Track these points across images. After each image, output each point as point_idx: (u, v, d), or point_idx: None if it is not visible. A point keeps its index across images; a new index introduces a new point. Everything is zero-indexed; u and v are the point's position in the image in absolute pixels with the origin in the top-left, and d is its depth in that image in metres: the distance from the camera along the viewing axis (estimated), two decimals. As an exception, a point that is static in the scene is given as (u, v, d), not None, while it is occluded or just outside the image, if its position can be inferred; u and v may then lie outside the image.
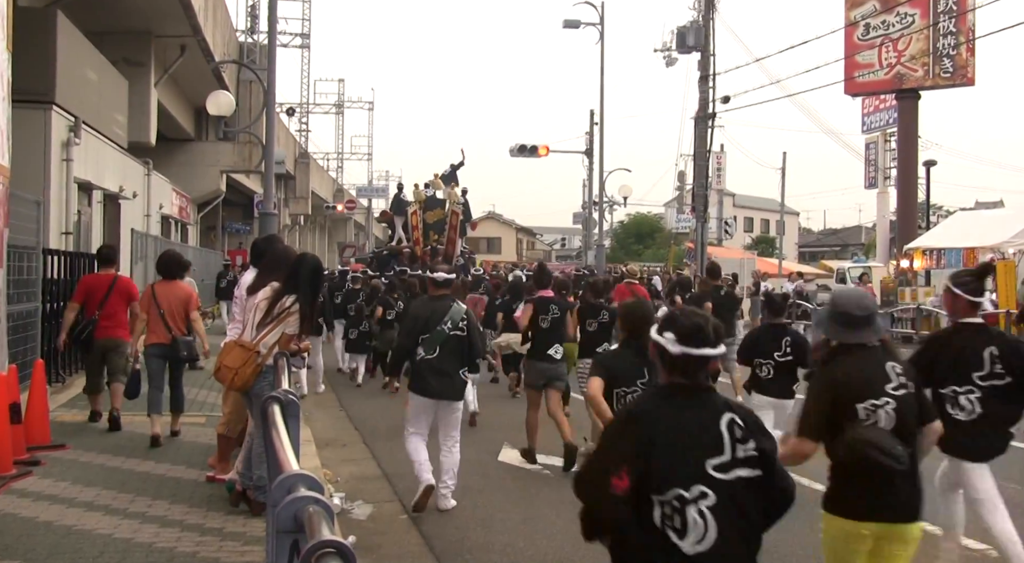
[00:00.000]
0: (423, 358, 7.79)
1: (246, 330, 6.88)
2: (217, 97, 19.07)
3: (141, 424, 10.41)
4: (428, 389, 7.79)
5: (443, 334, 7.79)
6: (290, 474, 2.82)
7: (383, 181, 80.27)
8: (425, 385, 7.79)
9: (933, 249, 27.64)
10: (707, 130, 32.57)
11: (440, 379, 7.77)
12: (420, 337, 7.82)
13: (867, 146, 44.52)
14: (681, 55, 34.37)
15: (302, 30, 50.83)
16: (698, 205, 33.38)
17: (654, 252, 64.32)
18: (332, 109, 67.59)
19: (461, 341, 7.86)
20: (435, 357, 7.76)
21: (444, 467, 7.85)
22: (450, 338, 7.80)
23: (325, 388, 15.20)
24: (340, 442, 10.95)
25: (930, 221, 40.03)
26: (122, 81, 22.07)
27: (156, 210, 25.71)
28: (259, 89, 24.08)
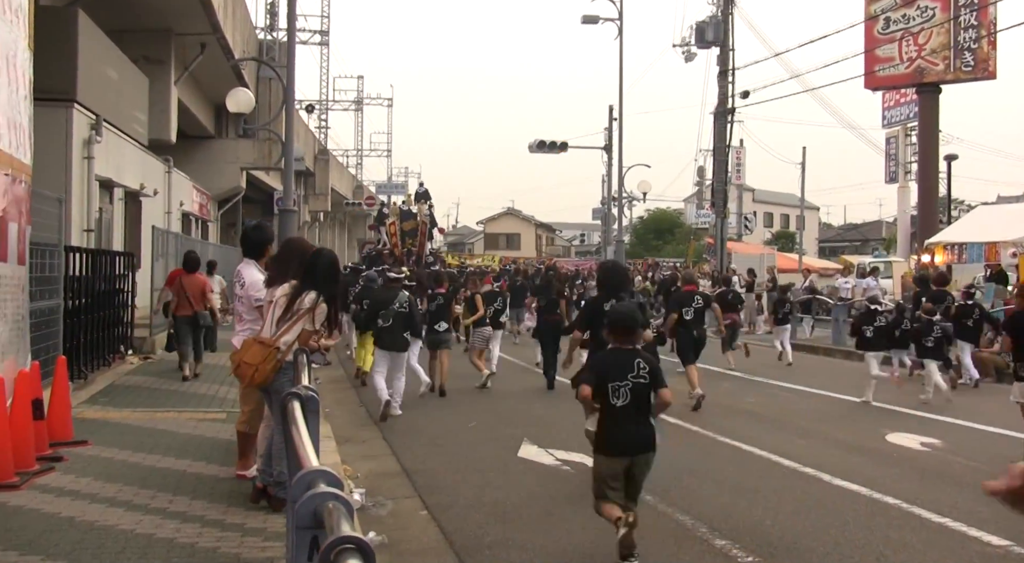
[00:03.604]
0: (382, 326, 12.50)
1: (265, 326, 6.88)
2: (237, 94, 19.10)
3: (162, 420, 10.48)
4: (385, 345, 12.50)
5: (393, 311, 12.46)
6: (310, 470, 2.81)
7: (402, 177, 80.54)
8: (383, 342, 12.52)
9: (954, 244, 27.43)
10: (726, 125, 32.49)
11: (392, 339, 12.48)
12: (380, 312, 12.49)
13: (887, 141, 44.27)
14: (700, 50, 34.30)
15: (321, 27, 50.93)
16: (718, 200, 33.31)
17: (674, 247, 64.20)
18: (351, 106, 67.71)
19: (405, 316, 12.55)
20: (389, 325, 12.46)
21: (396, 390, 12.54)
22: (398, 314, 12.48)
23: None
24: (359, 438, 10.95)
25: (951, 216, 39.73)
26: (142, 79, 22.16)
27: (176, 207, 25.84)
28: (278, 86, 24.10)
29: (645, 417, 6.22)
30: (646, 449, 6.18)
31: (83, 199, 17.20)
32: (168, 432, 9.75)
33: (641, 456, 6.16)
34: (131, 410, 11.09)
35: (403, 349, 12.57)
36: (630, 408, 6.14)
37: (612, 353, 6.37)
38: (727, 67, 32.06)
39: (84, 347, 13.03)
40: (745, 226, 53.33)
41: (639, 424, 6.18)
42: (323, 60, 72.34)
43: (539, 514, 7.51)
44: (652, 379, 6.19)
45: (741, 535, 6.83)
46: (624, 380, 6.15)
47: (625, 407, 6.13)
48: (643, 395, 6.17)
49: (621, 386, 6.14)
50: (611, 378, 6.17)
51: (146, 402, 11.81)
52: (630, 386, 6.14)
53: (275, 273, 7.20)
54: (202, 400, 12.17)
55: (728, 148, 33.62)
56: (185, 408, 11.44)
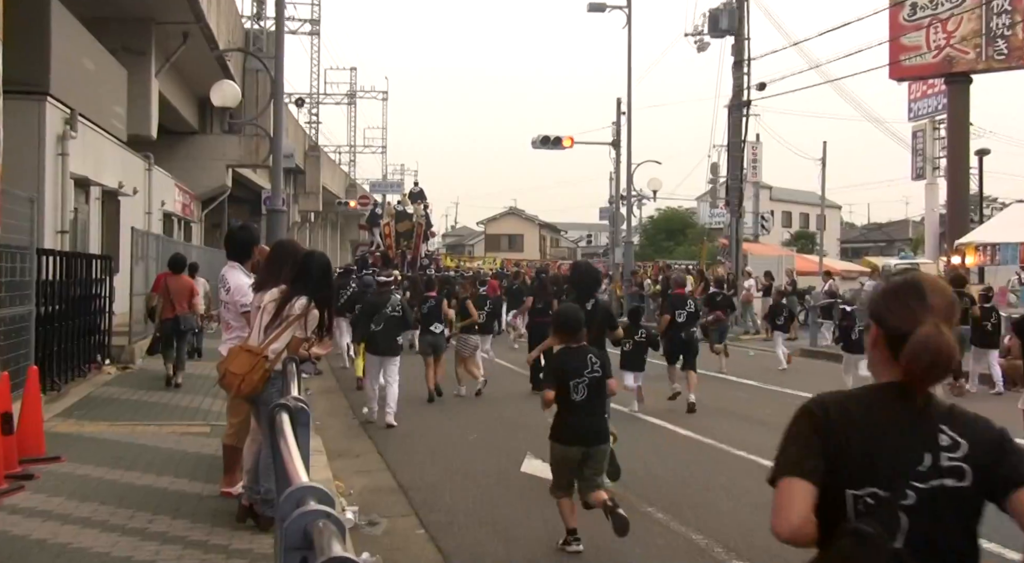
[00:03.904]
0: (373, 330, 12.86)
1: (253, 333, 6.87)
2: (222, 87, 19.09)
3: (142, 434, 10.45)
4: (377, 349, 12.88)
5: (385, 315, 12.86)
6: (299, 486, 2.79)
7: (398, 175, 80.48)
8: (375, 347, 12.91)
9: (986, 244, 27.36)
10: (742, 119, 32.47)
11: (384, 343, 12.81)
12: (371, 317, 12.93)
13: (914, 134, 44.23)
14: (714, 39, 34.28)
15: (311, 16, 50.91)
16: (732, 199, 33.27)
17: (685, 249, 64.14)
18: (344, 100, 67.74)
19: (397, 319, 13.00)
20: (380, 329, 12.82)
21: (388, 397, 12.61)
22: (390, 317, 12.87)
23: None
24: (353, 452, 10.93)
25: (983, 214, 39.73)
26: (121, 71, 22.16)
27: (158, 207, 25.82)
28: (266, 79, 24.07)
29: (600, 410, 7.13)
30: (600, 441, 7.05)
31: (57, 199, 17.17)
32: (148, 447, 9.72)
33: (596, 447, 7.00)
34: (108, 423, 11.06)
35: (396, 353, 12.97)
36: (587, 402, 6.96)
37: (566, 352, 7.18)
38: (742, 57, 32.04)
39: (58, 356, 13.00)
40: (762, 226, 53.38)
41: (594, 416, 7.05)
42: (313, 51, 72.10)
43: (544, 533, 7.48)
44: (604, 371, 7.06)
45: (759, 556, 6.79)
46: (582, 376, 6.98)
47: (583, 401, 6.95)
48: (598, 388, 7.02)
49: (580, 382, 6.96)
50: (570, 375, 6.99)
51: (125, 415, 11.78)
52: (587, 381, 6.97)
53: (264, 277, 7.18)
54: (185, 412, 12.14)
55: (743, 143, 33.59)
56: (167, 421, 11.41)
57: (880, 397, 2.57)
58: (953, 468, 2.48)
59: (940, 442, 2.50)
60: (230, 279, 7.73)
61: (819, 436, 2.52)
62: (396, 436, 11.94)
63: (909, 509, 2.44)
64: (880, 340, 2.65)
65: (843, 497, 2.48)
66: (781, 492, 2.49)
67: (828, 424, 2.53)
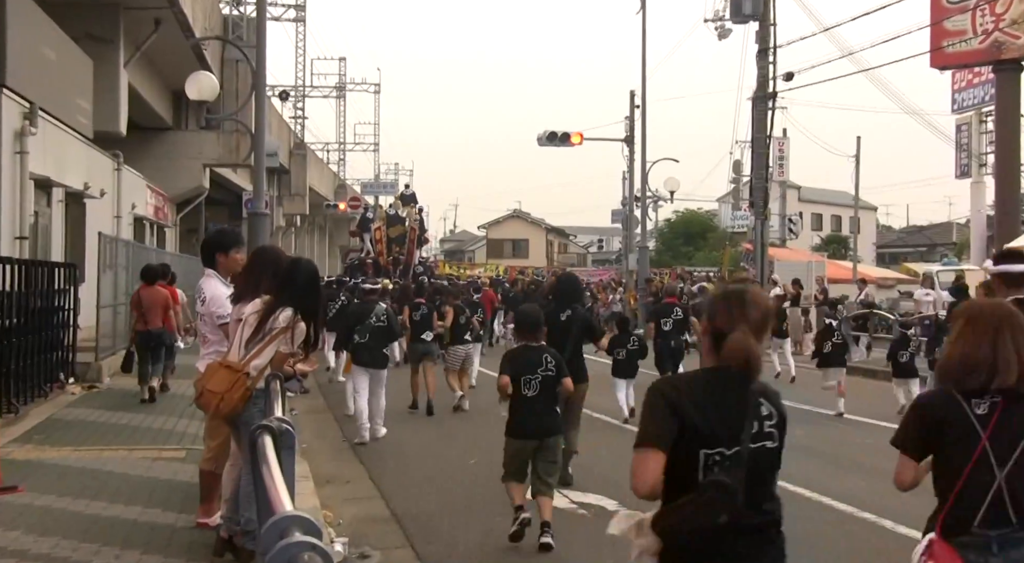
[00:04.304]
0: (359, 342, 13.40)
1: (233, 348, 6.83)
2: (198, 79, 19.13)
3: (109, 460, 10.41)
4: (363, 361, 13.39)
5: (370, 325, 13.36)
6: (283, 516, 2.76)
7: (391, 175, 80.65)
8: (361, 359, 13.42)
9: (1039, 248, 27.24)
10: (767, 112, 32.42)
11: (370, 355, 13.34)
12: (356, 327, 13.41)
13: (958, 128, 44.17)
14: (736, 25, 34.29)
15: (296, 1, 51.12)
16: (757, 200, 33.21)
17: (706, 255, 64.15)
18: (332, 93, 67.96)
19: (383, 330, 13.48)
20: (366, 341, 13.36)
21: (375, 410, 13.29)
22: (375, 328, 13.37)
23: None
24: (342, 478, 10.90)
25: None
26: (86, 61, 22.16)
27: (128, 210, 25.84)
28: (247, 70, 24.12)
29: (552, 406, 8.22)
30: (552, 433, 8.17)
31: (15, 201, 17.15)
32: (117, 474, 9.68)
33: (548, 439, 8.11)
34: (72, 448, 11.02)
35: (382, 366, 13.54)
36: (539, 398, 8.06)
37: (523, 350, 8.35)
38: (768, 45, 32.01)
39: (15, 375, 12.96)
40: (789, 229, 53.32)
41: (545, 413, 8.13)
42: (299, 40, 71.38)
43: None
44: (558, 371, 8.17)
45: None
46: (534, 374, 8.09)
47: (535, 397, 8.06)
48: (551, 386, 8.13)
49: (532, 379, 8.08)
50: (523, 372, 8.10)
51: (90, 438, 11.75)
52: (539, 379, 8.07)
53: (244, 287, 7.15)
54: (158, 435, 12.11)
55: (769, 139, 33.52)
56: (137, 445, 11.38)
57: (715, 378, 3.57)
58: (769, 433, 3.55)
59: (761, 413, 3.54)
60: (206, 289, 7.70)
61: (671, 411, 3.45)
62: (390, 460, 11.91)
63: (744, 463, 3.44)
64: (707, 332, 3.66)
65: (696, 456, 3.44)
66: (641, 458, 3.44)
67: (679, 401, 3.47)
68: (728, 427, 3.45)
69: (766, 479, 3.57)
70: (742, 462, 3.42)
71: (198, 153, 32.24)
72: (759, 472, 3.50)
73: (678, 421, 3.43)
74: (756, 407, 3.53)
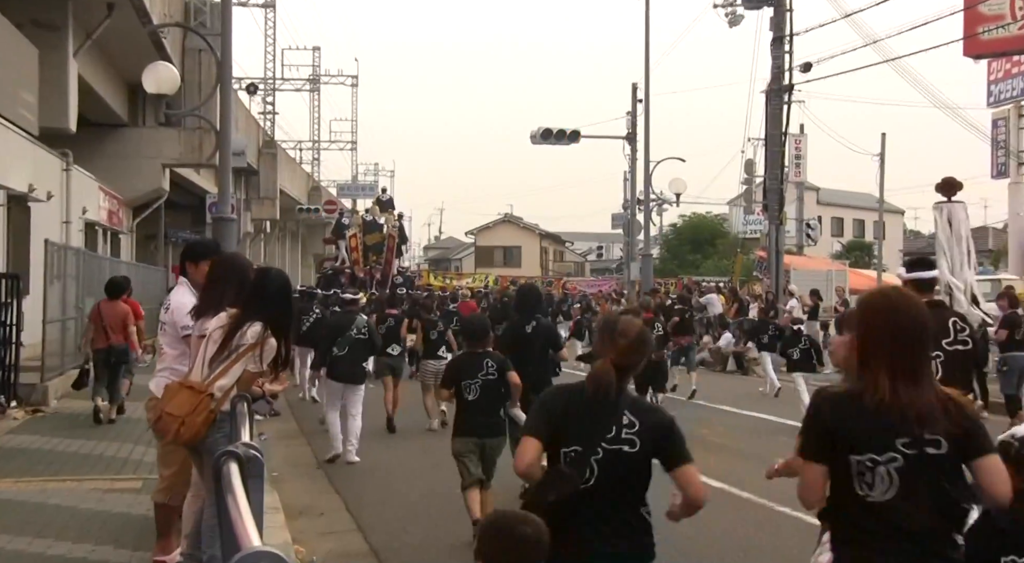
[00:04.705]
0: (336, 355, 13.77)
1: (195, 367, 6.79)
2: (156, 70, 19.08)
3: (56, 492, 10.36)
4: (340, 376, 13.76)
5: (350, 338, 13.83)
6: (251, 552, 2.75)
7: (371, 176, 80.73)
8: (338, 373, 13.78)
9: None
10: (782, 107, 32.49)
11: (348, 369, 13.75)
12: (335, 340, 13.85)
13: (994, 123, 44.21)
14: (748, 11, 34.41)
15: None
16: (771, 203, 33.29)
17: (715, 263, 64.23)
18: (305, 86, 67.90)
19: (363, 343, 14.02)
20: (344, 354, 13.76)
21: (350, 431, 13.54)
22: (355, 341, 13.85)
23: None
24: (316, 509, 10.89)
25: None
26: (31, 50, 22.05)
27: (78, 215, 25.78)
28: (211, 60, 24.12)
29: (494, 409, 9.35)
30: (492, 434, 9.29)
31: (-47, 205, 17.10)
32: (64, 508, 9.63)
33: (487, 439, 9.23)
34: (13, 480, 10.97)
35: (360, 381, 14.00)
36: (480, 401, 9.18)
37: (466, 355, 9.61)
38: (783, 32, 32.11)
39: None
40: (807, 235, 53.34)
41: (488, 415, 9.27)
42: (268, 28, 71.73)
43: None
44: (500, 375, 9.27)
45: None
46: (475, 378, 9.20)
47: (476, 400, 9.18)
48: (493, 390, 9.24)
49: (472, 383, 9.18)
50: (464, 376, 9.25)
51: (35, 468, 11.70)
52: (480, 383, 9.18)
53: (205, 300, 7.12)
54: (111, 463, 12.07)
55: (785, 136, 33.62)
56: (87, 475, 11.33)
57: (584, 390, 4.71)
58: (628, 439, 4.58)
59: (622, 422, 4.61)
60: (173, 297, 7.71)
61: (548, 412, 4.75)
62: (370, 488, 11.89)
63: (599, 461, 4.57)
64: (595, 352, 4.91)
65: (558, 451, 4.64)
66: (524, 443, 4.67)
67: (553, 406, 4.78)
68: (585, 431, 4.61)
69: (629, 478, 4.61)
70: (588, 459, 4.57)
71: (157, 152, 32.19)
72: (618, 471, 4.60)
73: (551, 420, 4.71)
74: (618, 417, 4.61)
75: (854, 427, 4.04)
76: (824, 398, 4.23)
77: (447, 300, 25.74)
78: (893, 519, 3.99)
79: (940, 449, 3.99)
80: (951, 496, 4.05)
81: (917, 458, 3.99)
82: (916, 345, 4.15)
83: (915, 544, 3.99)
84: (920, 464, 3.99)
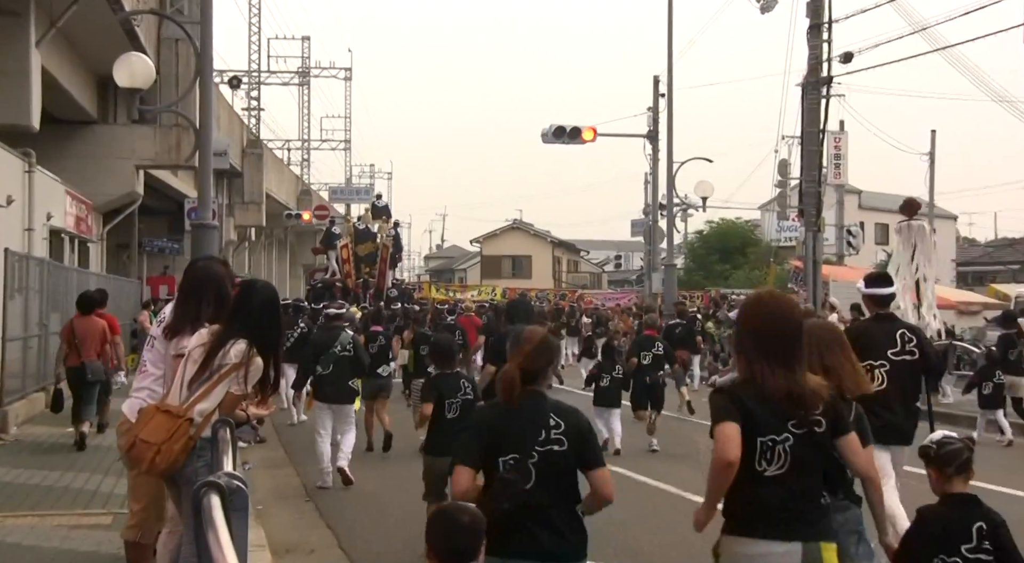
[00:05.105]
0: (321, 374, 14.38)
1: (172, 389, 6.78)
2: (129, 62, 19.14)
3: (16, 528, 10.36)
4: (327, 396, 14.41)
5: (335, 355, 14.35)
6: (235, 596, 2.72)
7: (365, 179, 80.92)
8: (324, 393, 14.46)
9: None
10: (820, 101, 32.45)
11: (335, 389, 14.33)
12: (319, 357, 14.40)
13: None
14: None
15: (248, -32, 51.26)
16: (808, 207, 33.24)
17: (746, 274, 64.12)
18: (293, 79, 68.05)
19: (349, 360, 14.47)
20: (329, 372, 14.31)
21: (342, 447, 14.19)
22: (340, 358, 14.36)
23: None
24: (306, 546, 10.91)
25: None
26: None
27: (42, 222, 25.75)
28: (189, 51, 24.08)
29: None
30: None
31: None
32: (24, 547, 9.64)
33: None
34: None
35: (348, 401, 14.55)
36: (459, 420, 9.75)
37: (442, 377, 10.33)
38: (821, 19, 32.06)
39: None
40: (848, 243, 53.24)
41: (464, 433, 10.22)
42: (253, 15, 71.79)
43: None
44: (475, 395, 10.04)
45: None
46: (456, 398, 9.97)
47: (455, 419, 9.82)
48: (470, 409, 9.66)
49: (454, 402, 9.95)
50: (446, 396, 9.98)
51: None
52: (460, 402, 9.92)
53: (179, 315, 7.12)
54: (78, 497, 12.05)
55: (823, 133, 33.54)
56: (51, 509, 11.32)
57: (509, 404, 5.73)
58: (557, 439, 5.58)
59: (550, 424, 5.61)
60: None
61: (479, 436, 5.73)
62: (363, 521, 11.92)
63: (536, 464, 5.53)
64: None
65: (497, 462, 5.56)
66: (459, 473, 5.63)
67: (481, 427, 5.80)
68: (518, 439, 5.61)
69: (563, 477, 5.64)
70: (527, 464, 5.55)
71: (129, 152, 32.15)
72: (553, 470, 5.60)
73: (482, 441, 5.71)
74: (545, 420, 5.64)
75: (755, 412, 5.21)
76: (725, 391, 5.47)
77: (443, 313, 25.84)
78: (783, 490, 5.20)
79: (822, 428, 5.27)
80: (831, 467, 5.43)
81: (806, 436, 5.23)
82: (786, 338, 5.37)
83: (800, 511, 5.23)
84: (808, 442, 5.23)
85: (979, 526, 5.61)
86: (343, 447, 14.19)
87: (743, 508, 5.29)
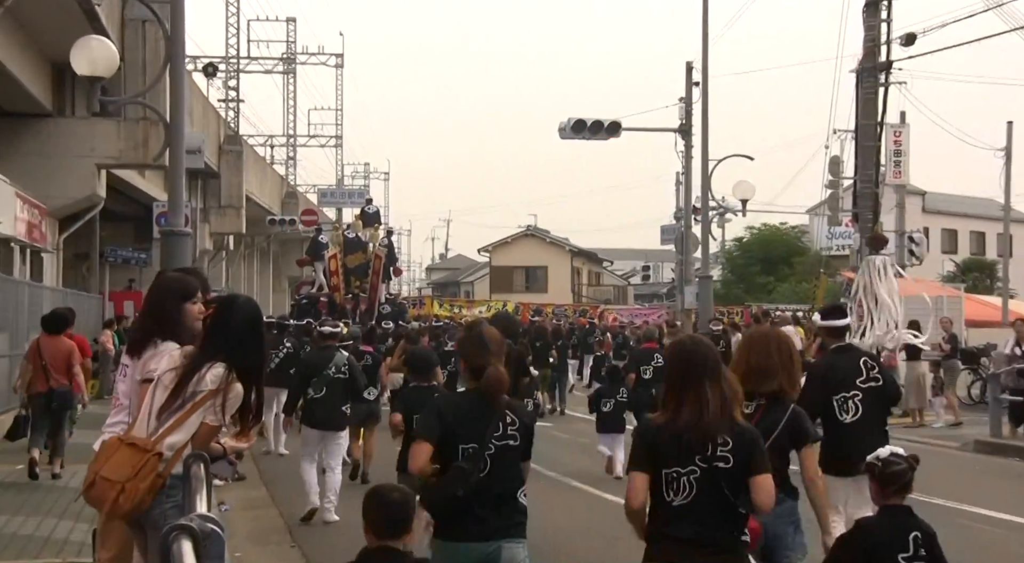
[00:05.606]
0: (312, 397, 14.81)
1: (139, 419, 6.78)
2: (89, 47, 19.13)
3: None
4: (316, 421, 14.83)
5: (327, 377, 14.84)
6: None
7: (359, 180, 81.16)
8: (313, 418, 14.86)
9: None
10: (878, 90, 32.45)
11: (325, 413, 14.78)
12: (310, 380, 14.91)
13: None
14: (835, -31, 34.34)
15: (225, -60, 51.41)
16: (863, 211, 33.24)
17: (792, 287, 64.17)
18: (278, 66, 68.28)
19: (344, 383, 15.01)
20: (321, 396, 14.77)
21: (328, 486, 14.46)
22: (333, 381, 14.86)
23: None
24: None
25: None
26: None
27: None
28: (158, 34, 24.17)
29: None
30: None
31: None
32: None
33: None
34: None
35: (340, 428, 15.11)
36: None
37: (417, 390, 11.14)
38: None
39: None
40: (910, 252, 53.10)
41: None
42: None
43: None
44: None
45: None
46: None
47: None
48: None
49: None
50: (415, 410, 10.01)
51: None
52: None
53: (140, 335, 7.12)
54: (30, 543, 12.08)
55: (881, 127, 33.55)
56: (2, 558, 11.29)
57: (472, 397, 7.27)
58: (512, 434, 7.06)
59: (506, 420, 7.07)
60: None
61: (440, 417, 7.09)
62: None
63: (492, 455, 6.98)
64: (465, 367, 7.57)
65: (456, 449, 6.93)
66: (417, 446, 7.04)
67: (444, 411, 7.19)
68: (477, 430, 6.97)
69: (513, 468, 7.12)
70: (483, 454, 6.91)
71: (90, 149, 32.17)
72: (505, 462, 7.05)
73: (443, 424, 7.03)
74: (503, 416, 7.06)
75: (664, 445, 6.30)
76: (646, 425, 7.24)
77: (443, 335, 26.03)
78: (688, 519, 6.22)
79: (728, 465, 6.24)
80: (732, 502, 6.29)
81: (710, 471, 6.23)
82: (700, 379, 6.35)
83: (704, 539, 6.22)
84: (711, 476, 6.22)
85: (915, 535, 6.64)
86: (329, 484, 14.49)
87: (654, 536, 6.40)
